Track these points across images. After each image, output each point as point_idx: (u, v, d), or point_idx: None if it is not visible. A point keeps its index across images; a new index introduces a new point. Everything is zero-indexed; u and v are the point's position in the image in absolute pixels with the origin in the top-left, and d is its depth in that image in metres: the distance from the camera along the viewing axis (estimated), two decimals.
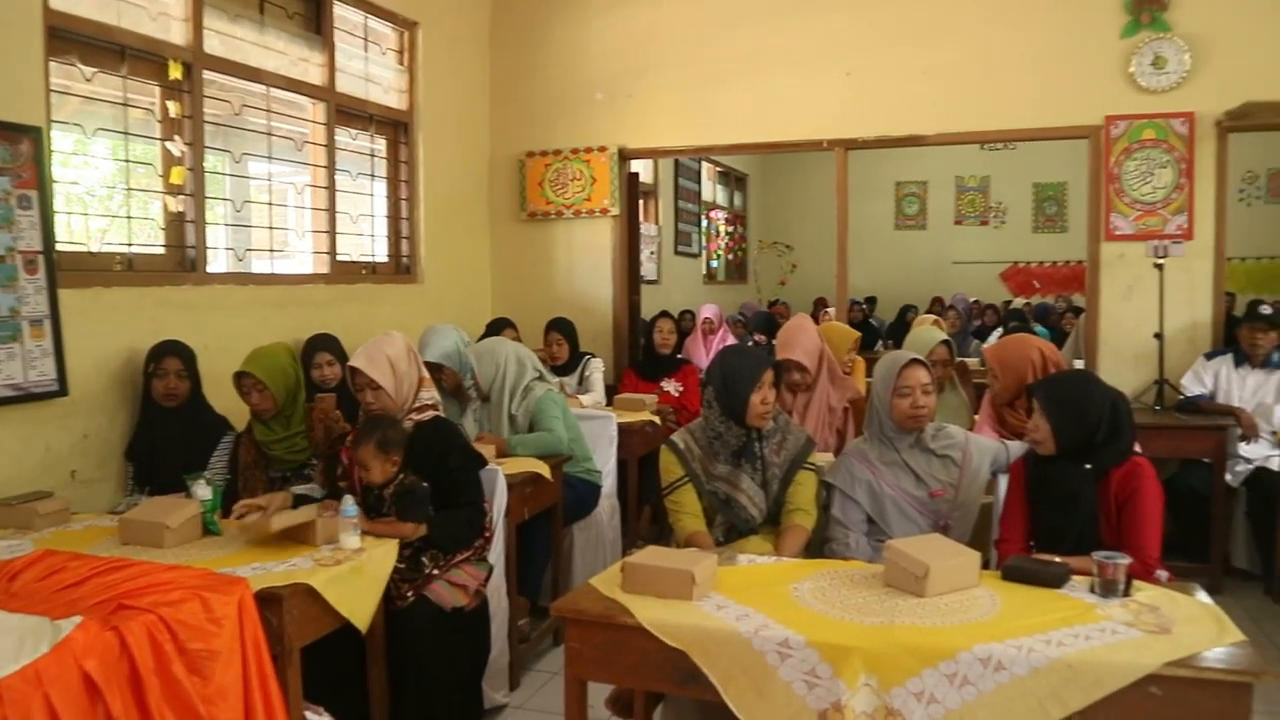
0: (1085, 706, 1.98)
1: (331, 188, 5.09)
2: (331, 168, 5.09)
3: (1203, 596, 2.36)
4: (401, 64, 5.71)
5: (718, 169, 11.37)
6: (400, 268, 5.74)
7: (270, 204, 4.86)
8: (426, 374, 3.56)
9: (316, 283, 4.98)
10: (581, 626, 2.35)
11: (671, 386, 5.67)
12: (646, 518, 5.30)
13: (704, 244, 10.91)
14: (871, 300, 10.93)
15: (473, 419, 4.33)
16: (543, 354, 5.37)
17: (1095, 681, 1.97)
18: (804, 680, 2.10)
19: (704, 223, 10.86)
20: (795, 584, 2.43)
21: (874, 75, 5.73)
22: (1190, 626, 2.14)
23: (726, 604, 2.31)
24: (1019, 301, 11.02)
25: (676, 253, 9.95)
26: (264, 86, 4.66)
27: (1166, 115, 5.29)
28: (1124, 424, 2.74)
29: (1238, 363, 5.03)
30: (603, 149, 6.15)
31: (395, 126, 5.68)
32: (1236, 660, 1.99)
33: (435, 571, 3.14)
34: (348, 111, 5.26)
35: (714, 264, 11.34)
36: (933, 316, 6.53)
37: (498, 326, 5.52)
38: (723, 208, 11.61)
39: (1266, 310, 5.08)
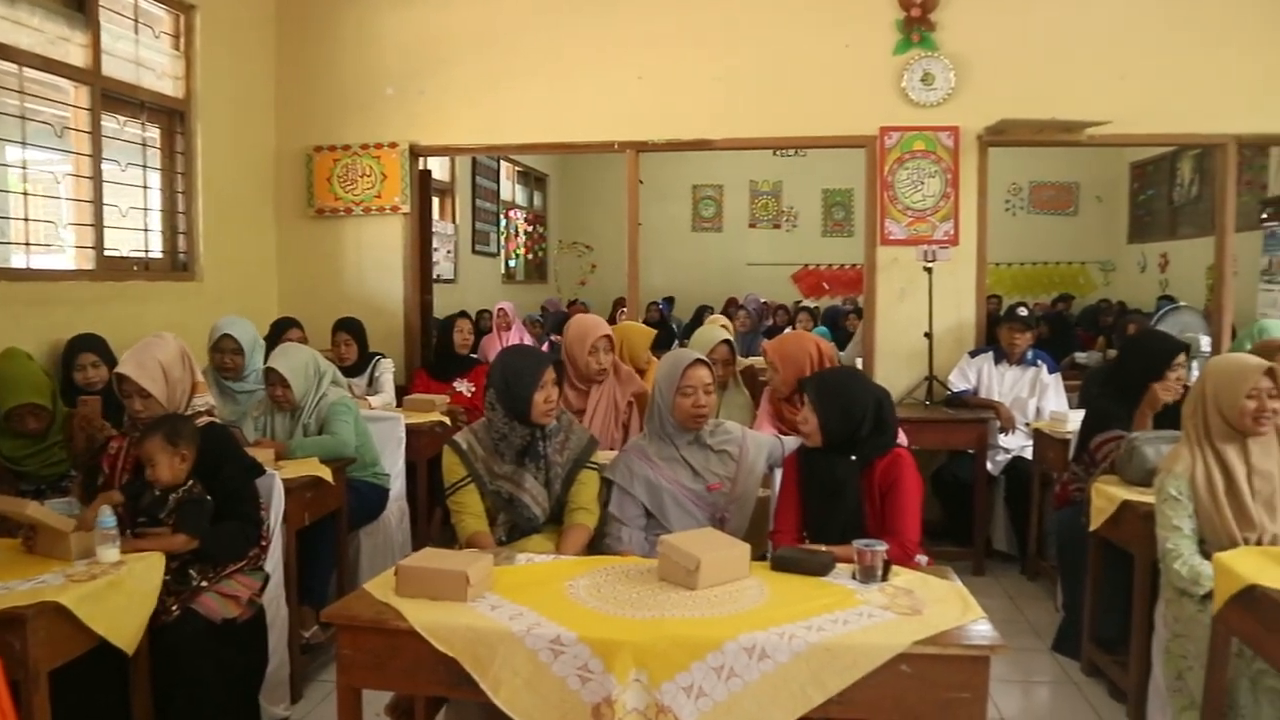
0: (844, 689, 2.08)
1: (97, 178, 4.76)
2: (97, 156, 4.76)
3: (953, 579, 2.51)
4: (177, 49, 5.41)
5: (517, 168, 11.34)
6: (176, 264, 5.44)
7: (26, 194, 4.50)
8: (201, 379, 3.40)
9: (80, 279, 4.66)
10: (353, 633, 2.30)
11: (464, 386, 5.61)
12: (438, 520, 5.22)
13: (503, 243, 10.86)
14: (670, 300, 11.15)
15: (253, 426, 4.17)
16: (330, 355, 5.22)
17: (851, 664, 2.08)
18: (577, 676, 2.12)
19: (503, 222, 10.80)
20: (571, 581, 2.45)
21: (665, 80, 5.84)
22: (939, 607, 2.28)
23: (501, 604, 2.31)
24: (808, 302, 11.47)
25: (474, 252, 9.86)
26: (16, 66, 4.32)
27: (934, 128, 5.64)
28: (887, 419, 2.91)
29: (997, 360, 5.41)
30: (393, 145, 6.02)
31: (170, 115, 5.37)
32: (976, 636, 2.14)
33: (204, 584, 3.00)
34: (116, 97, 4.94)
35: (513, 263, 11.30)
36: (723, 318, 6.71)
37: (283, 327, 5.32)
38: (522, 207, 11.59)
39: (1023, 312, 5.48)
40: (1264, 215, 7.02)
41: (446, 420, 5.10)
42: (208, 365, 4.54)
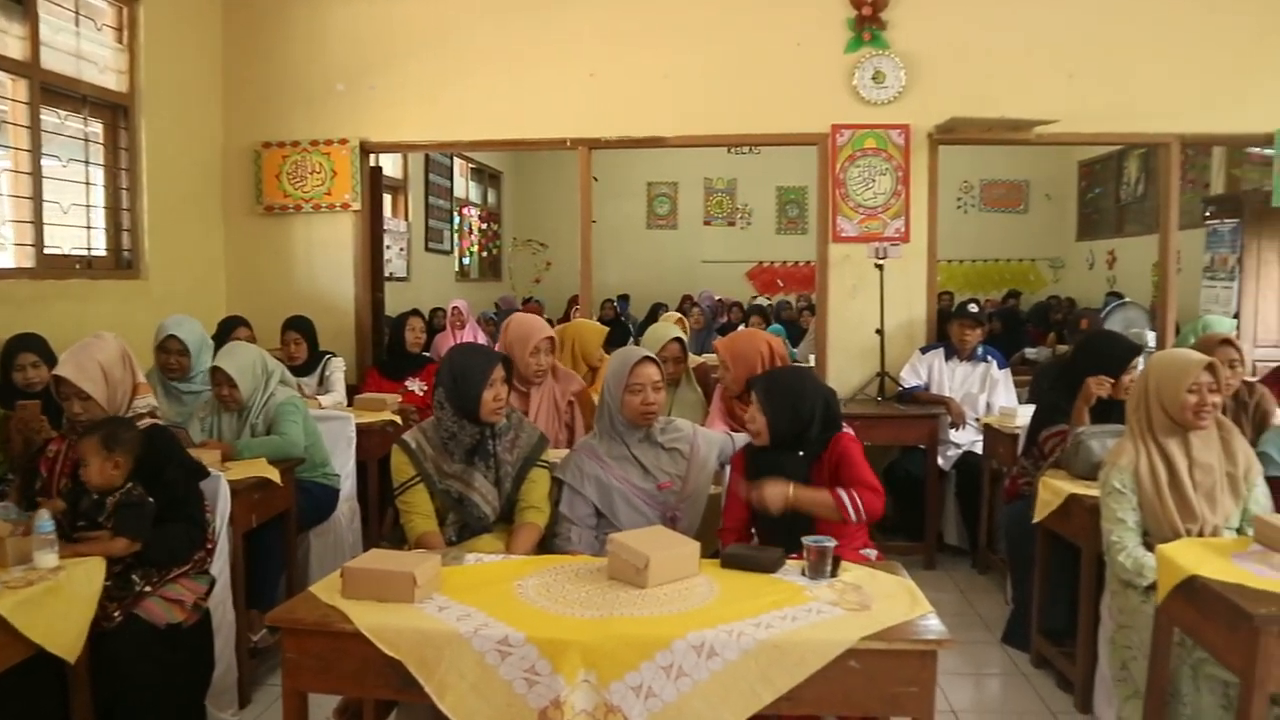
0: (793, 686, 2.09)
1: (36, 173, 4.65)
2: (36, 151, 4.65)
3: (902, 574, 2.52)
4: (120, 42, 5.31)
5: (471, 165, 11.27)
6: (120, 262, 5.34)
7: None
8: (143, 380, 3.34)
9: (20, 277, 4.56)
10: (298, 636, 2.27)
11: (416, 385, 5.56)
12: (390, 520, 5.12)
13: (456, 241, 10.78)
14: (625, 298, 11.15)
15: (200, 427, 4.10)
16: (280, 354, 5.16)
17: (800, 661, 2.08)
18: (524, 678, 2.10)
19: (457, 219, 10.73)
20: (520, 581, 2.44)
21: (617, 77, 5.83)
22: (887, 603, 2.29)
23: (449, 605, 2.29)
24: (761, 300, 11.52)
25: (427, 249, 9.79)
26: None
27: (885, 126, 5.68)
28: (834, 419, 2.93)
29: (948, 356, 5.46)
30: (344, 141, 5.95)
31: (113, 109, 5.27)
32: (923, 631, 2.16)
33: (148, 588, 2.94)
34: (56, 91, 4.83)
35: (467, 261, 11.23)
36: (677, 315, 6.72)
37: (230, 326, 5.24)
38: (476, 204, 11.52)
39: (974, 309, 5.53)
40: (1207, 213, 7.15)
41: (398, 419, 5.05)
42: (153, 366, 4.45)
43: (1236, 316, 6.04)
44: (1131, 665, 2.96)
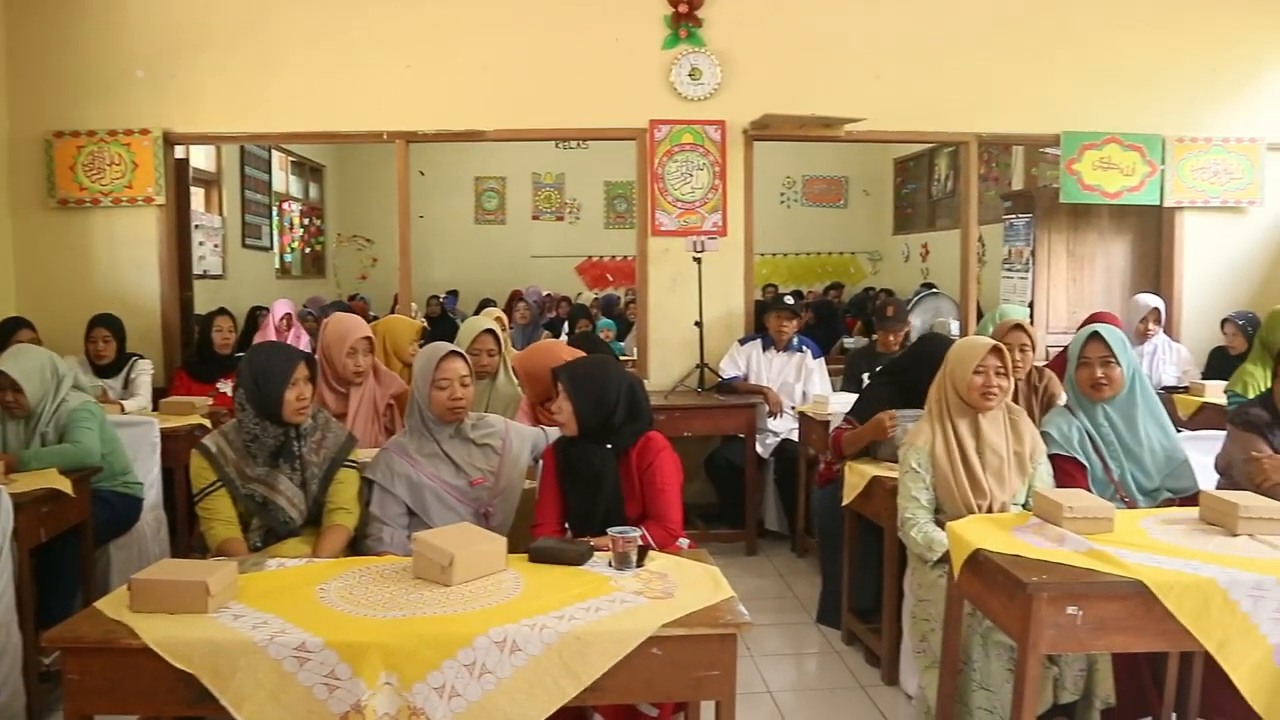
0: (598, 678, 2.10)
1: None
2: None
3: (709, 561, 2.57)
4: None
5: (291, 159, 10.87)
6: None
7: None
8: None
9: None
10: (80, 655, 2.14)
11: (228, 387, 5.34)
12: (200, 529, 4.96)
13: (277, 237, 10.40)
14: (453, 294, 10.99)
15: None
16: (86, 353, 4.92)
17: (603, 652, 2.09)
18: (324, 684, 2.04)
19: (276, 215, 10.34)
20: (322, 585, 2.37)
21: (435, 69, 5.75)
22: (690, 589, 2.33)
23: (245, 613, 2.20)
24: (586, 295, 11.55)
25: (245, 246, 9.39)
26: None
27: (702, 122, 5.79)
28: (640, 405, 2.96)
29: (765, 347, 5.62)
30: (145, 132, 5.65)
31: None
32: (723, 615, 2.20)
33: None
34: None
35: (288, 258, 10.84)
36: (496, 310, 6.67)
37: (10, 328, 4.91)
38: (297, 199, 11.12)
39: (790, 300, 5.70)
40: (1006, 208, 7.56)
41: (207, 423, 4.83)
42: None
43: (1031, 305, 6.42)
44: (930, 637, 3.11)
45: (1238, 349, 5.67)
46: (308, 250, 11.37)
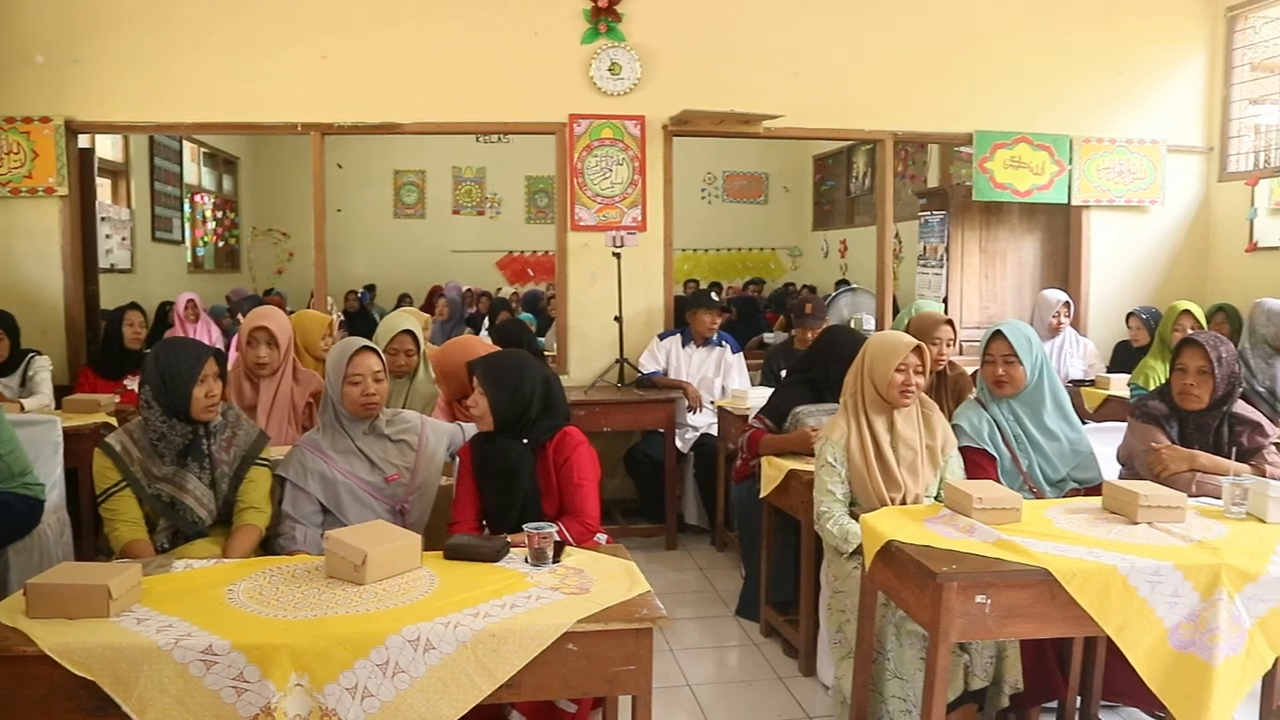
0: (513, 674, 2.09)
1: None
2: None
3: (625, 556, 2.57)
4: None
5: (203, 149, 10.61)
6: None
7: None
8: None
9: None
10: None
11: (136, 384, 5.18)
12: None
13: (189, 230, 10.13)
14: (371, 288, 10.84)
15: None
16: None
17: (518, 648, 2.08)
18: (231, 687, 2.00)
19: (188, 207, 10.08)
20: (231, 586, 2.31)
21: (351, 61, 5.64)
22: (606, 584, 2.33)
23: (149, 616, 2.14)
24: (508, 290, 11.48)
25: (155, 239, 9.14)
26: None
27: (621, 117, 5.79)
28: (557, 401, 2.95)
29: (685, 342, 5.64)
30: (45, 120, 5.45)
31: None
32: (638, 611, 2.20)
33: None
34: None
35: (201, 251, 10.58)
36: (413, 308, 6.59)
37: None
38: (210, 191, 10.86)
39: (714, 296, 5.74)
40: (921, 205, 7.70)
41: (113, 421, 4.68)
42: None
43: (945, 300, 6.54)
44: (845, 628, 3.15)
45: (1141, 343, 5.86)
46: (221, 244, 11.11)
